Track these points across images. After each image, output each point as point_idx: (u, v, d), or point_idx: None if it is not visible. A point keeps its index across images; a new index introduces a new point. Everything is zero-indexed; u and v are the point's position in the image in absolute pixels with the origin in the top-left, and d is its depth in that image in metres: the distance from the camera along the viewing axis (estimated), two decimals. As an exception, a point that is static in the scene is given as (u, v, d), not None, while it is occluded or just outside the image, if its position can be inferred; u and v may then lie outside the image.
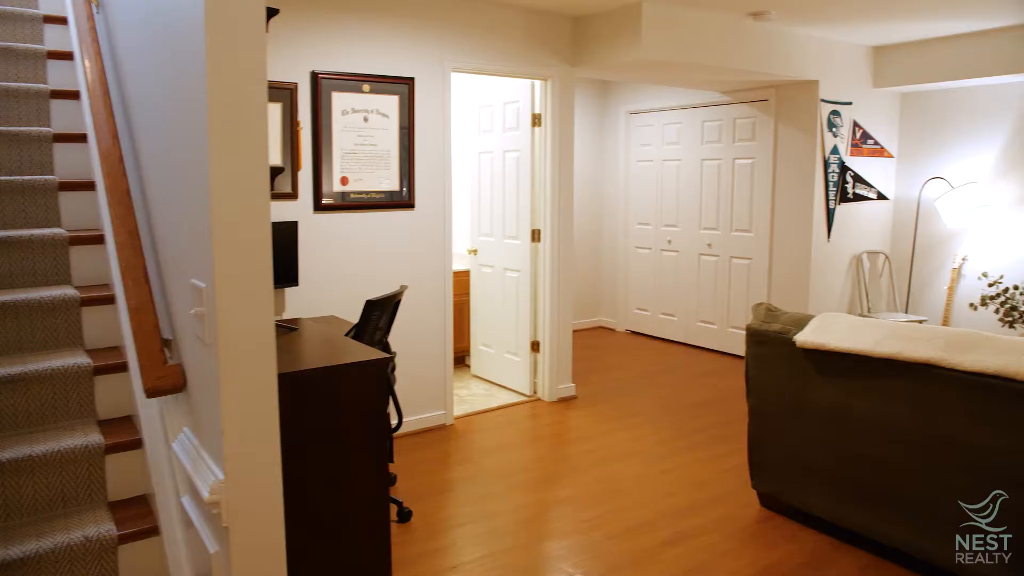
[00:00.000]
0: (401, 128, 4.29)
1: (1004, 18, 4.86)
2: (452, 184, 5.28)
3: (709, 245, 6.52)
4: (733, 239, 6.32)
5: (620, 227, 7.38)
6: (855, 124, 5.89)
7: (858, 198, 6.00)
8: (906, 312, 6.14)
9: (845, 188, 5.87)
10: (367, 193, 4.21)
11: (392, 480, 3.66)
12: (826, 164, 5.69)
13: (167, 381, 1.82)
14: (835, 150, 5.74)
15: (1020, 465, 2.44)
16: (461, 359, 5.94)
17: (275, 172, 3.17)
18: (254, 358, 1.52)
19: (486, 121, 5.45)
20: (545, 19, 4.77)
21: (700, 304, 6.65)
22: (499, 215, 5.34)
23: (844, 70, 5.73)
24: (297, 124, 3.95)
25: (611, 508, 3.40)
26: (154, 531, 2.18)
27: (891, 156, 6.23)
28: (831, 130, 5.70)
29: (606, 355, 6.45)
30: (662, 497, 3.52)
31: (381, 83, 4.18)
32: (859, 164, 5.97)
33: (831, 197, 5.76)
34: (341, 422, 2.41)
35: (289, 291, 3.93)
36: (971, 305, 5.70)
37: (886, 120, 6.16)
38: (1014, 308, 5.35)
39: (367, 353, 2.57)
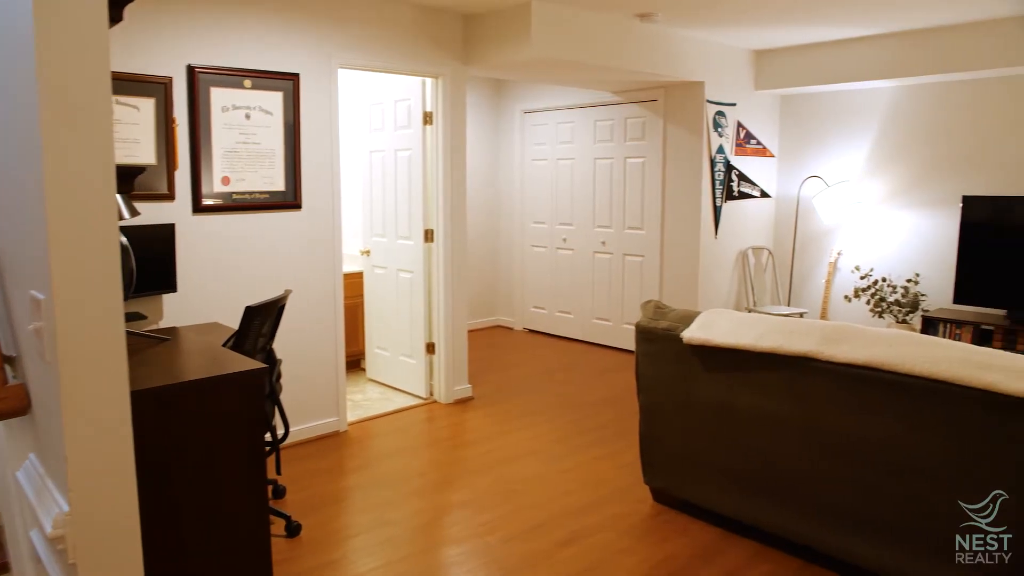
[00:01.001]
0: (286, 126, 4.12)
1: (875, 27, 5.13)
2: (342, 184, 5.12)
3: (603, 243, 6.61)
4: (626, 237, 6.43)
5: (516, 226, 7.39)
6: (739, 124, 6.10)
7: (743, 196, 6.21)
8: (788, 305, 6.41)
9: (731, 186, 6.07)
10: (251, 194, 4.03)
11: (281, 493, 3.51)
12: (712, 163, 5.86)
13: (8, 403, 1.65)
14: (721, 149, 5.93)
15: (890, 451, 2.56)
16: (356, 363, 5.79)
17: (137, 171, 2.96)
18: (101, 376, 1.39)
19: (377, 119, 5.32)
20: (436, 16, 4.69)
21: (595, 301, 6.74)
22: (392, 215, 5.23)
23: (728, 72, 5.92)
24: (173, 121, 3.73)
25: (508, 510, 3.38)
26: (5, 567, 1.98)
27: (772, 155, 6.48)
28: (717, 130, 5.88)
29: (503, 354, 6.44)
30: (559, 496, 3.52)
31: (264, 79, 4.00)
32: (743, 163, 6.18)
33: (718, 195, 5.95)
34: (213, 439, 2.27)
35: (168, 298, 3.71)
36: (846, 297, 6.01)
37: (767, 121, 6.41)
38: (883, 299, 5.67)
39: (243, 363, 2.43)
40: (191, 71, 3.73)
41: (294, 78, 4.11)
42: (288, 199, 4.16)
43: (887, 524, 2.60)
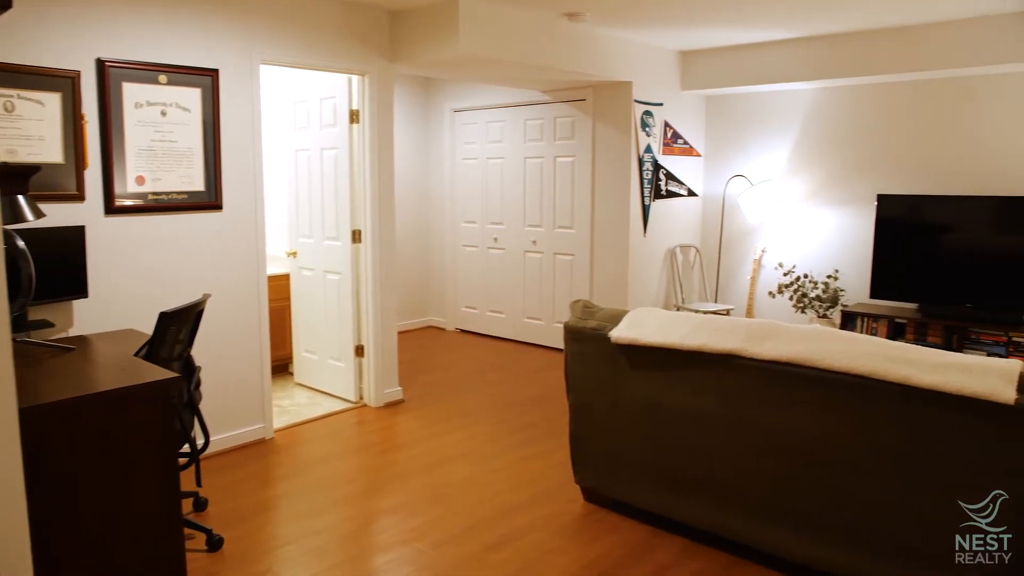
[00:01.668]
0: (205, 124, 3.97)
1: (795, 30, 5.27)
2: (266, 184, 5.00)
3: (534, 242, 6.62)
4: (556, 236, 6.45)
5: (447, 225, 7.34)
6: (666, 124, 6.19)
7: (671, 195, 6.31)
8: (716, 301, 6.54)
9: (659, 185, 6.16)
10: (168, 194, 3.87)
11: (202, 505, 3.38)
12: (641, 162, 5.93)
13: None
14: (648, 149, 6.00)
15: (814, 444, 2.62)
16: (284, 367, 5.65)
17: (31, 170, 2.80)
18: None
19: (302, 117, 5.19)
20: (361, 12, 4.60)
21: (527, 301, 6.74)
22: (318, 216, 5.11)
23: (655, 73, 5.99)
24: (82, 117, 3.55)
25: (438, 514, 3.33)
26: None
27: (699, 155, 6.60)
28: (644, 129, 5.95)
29: (435, 355, 6.39)
30: (490, 498, 3.49)
31: (180, 74, 3.85)
32: (671, 162, 6.28)
33: (646, 194, 6.02)
34: (123, 453, 2.16)
35: (79, 304, 3.52)
36: (770, 293, 6.17)
37: (694, 121, 6.52)
38: (804, 295, 5.84)
39: (155, 373, 2.32)
40: (101, 65, 3.56)
41: (213, 74, 3.96)
42: (208, 199, 4.02)
43: (812, 516, 2.66)
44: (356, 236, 4.88)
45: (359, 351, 4.96)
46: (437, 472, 3.82)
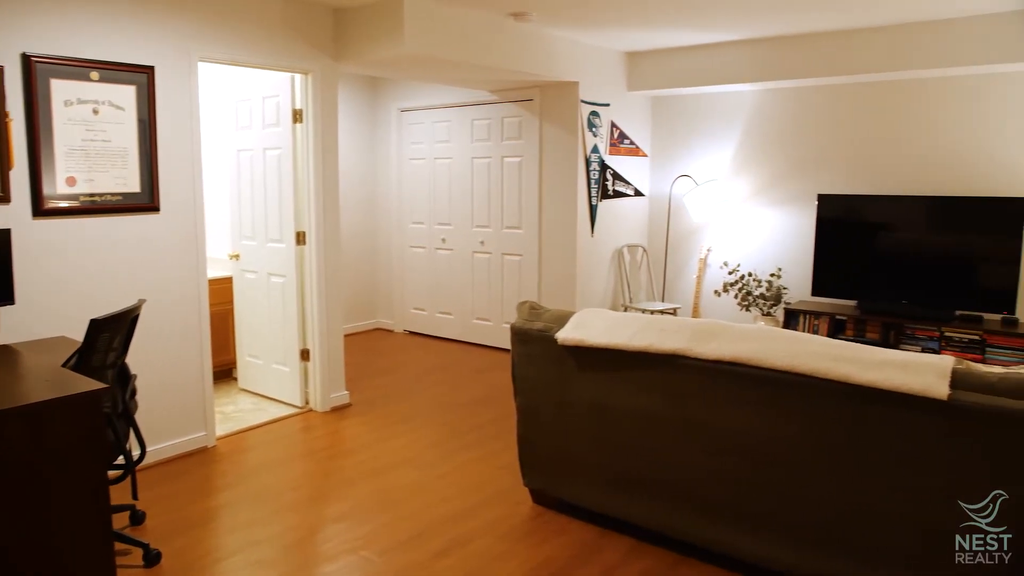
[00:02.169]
0: (140, 122, 3.84)
1: (737, 33, 5.35)
2: (206, 185, 4.86)
3: (482, 243, 6.59)
4: (505, 236, 6.44)
5: (394, 226, 7.26)
6: (613, 124, 6.22)
7: (618, 195, 6.35)
8: (663, 300, 6.61)
9: (606, 185, 6.19)
10: (101, 195, 3.73)
11: (140, 519, 3.26)
12: (588, 162, 5.95)
13: None
14: (595, 149, 6.03)
15: (758, 443, 2.65)
16: (228, 372, 5.51)
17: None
18: None
19: (244, 117, 5.07)
20: (305, 9, 4.51)
21: (475, 301, 6.71)
22: (261, 217, 5.00)
23: (602, 73, 6.02)
24: (6, 115, 3.39)
25: (385, 521, 3.28)
26: None
27: (645, 155, 6.66)
28: (591, 130, 5.97)
29: (383, 358, 6.31)
30: (437, 503, 3.45)
31: (114, 71, 3.71)
32: (617, 162, 6.32)
33: (593, 194, 6.05)
34: (47, 469, 2.06)
35: (6, 311, 3.37)
36: (716, 292, 6.25)
37: (640, 121, 6.57)
38: (749, 293, 5.94)
39: (82, 384, 2.23)
40: (27, 60, 3.41)
41: (148, 71, 3.84)
42: (145, 201, 3.89)
43: (758, 515, 2.70)
44: (300, 238, 4.78)
45: (304, 355, 4.86)
46: (384, 477, 3.76)
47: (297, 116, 4.70)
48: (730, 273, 6.19)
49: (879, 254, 5.39)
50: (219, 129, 5.55)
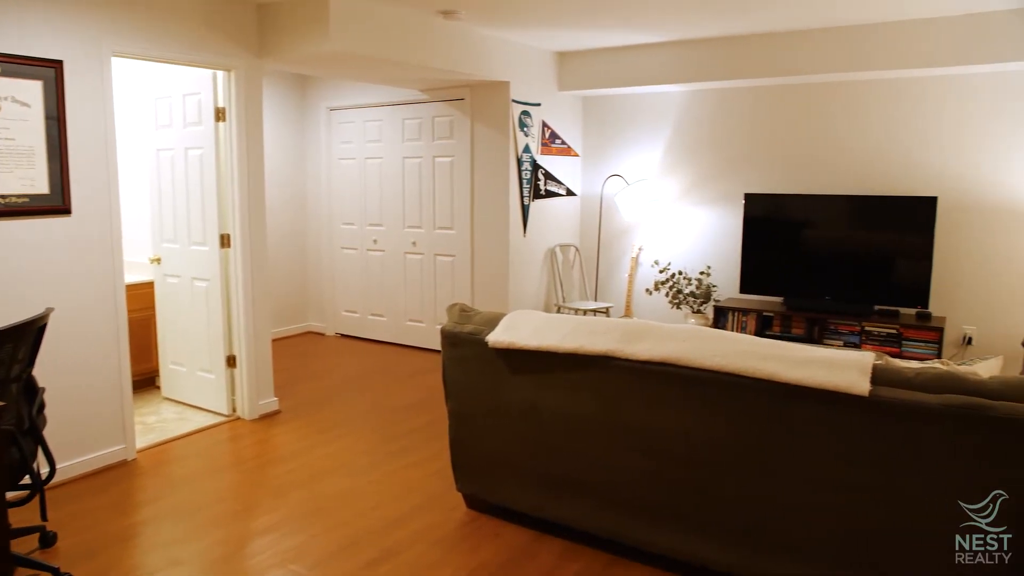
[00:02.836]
0: (48, 120, 3.64)
1: (666, 34, 5.41)
2: (124, 186, 4.68)
3: (414, 243, 6.52)
4: (437, 237, 6.37)
5: (324, 227, 7.11)
6: (544, 124, 6.22)
7: (550, 195, 6.36)
8: (595, 300, 6.65)
9: (538, 185, 6.19)
10: (5, 197, 3.52)
11: (50, 541, 3.09)
12: (519, 162, 5.94)
13: None
14: (527, 149, 6.02)
15: (689, 443, 2.67)
16: (151, 381, 5.30)
17: None
18: None
19: (164, 115, 4.87)
20: (226, 4, 4.36)
21: (408, 303, 6.63)
22: (184, 219, 4.82)
23: (533, 73, 6.02)
24: (-102, 113, 3.18)
25: (316, 532, 3.19)
26: None
27: (577, 155, 6.69)
28: (523, 129, 5.96)
29: (314, 362, 6.18)
30: (369, 512, 3.38)
31: (17, 65, 3.51)
32: (549, 162, 6.32)
33: (525, 194, 6.04)
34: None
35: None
36: (647, 290, 6.33)
37: (571, 121, 6.60)
38: (679, 291, 6.03)
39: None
40: (-80, 55, 3.20)
41: (56, 66, 3.64)
42: (54, 203, 3.69)
43: (690, 514, 2.72)
44: (225, 240, 4.63)
45: (231, 361, 4.71)
46: (315, 486, 3.67)
47: (220, 115, 4.55)
48: (661, 272, 6.27)
49: (803, 252, 5.54)
50: (137, 128, 5.32)
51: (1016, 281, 5.03)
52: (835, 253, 5.44)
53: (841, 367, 2.41)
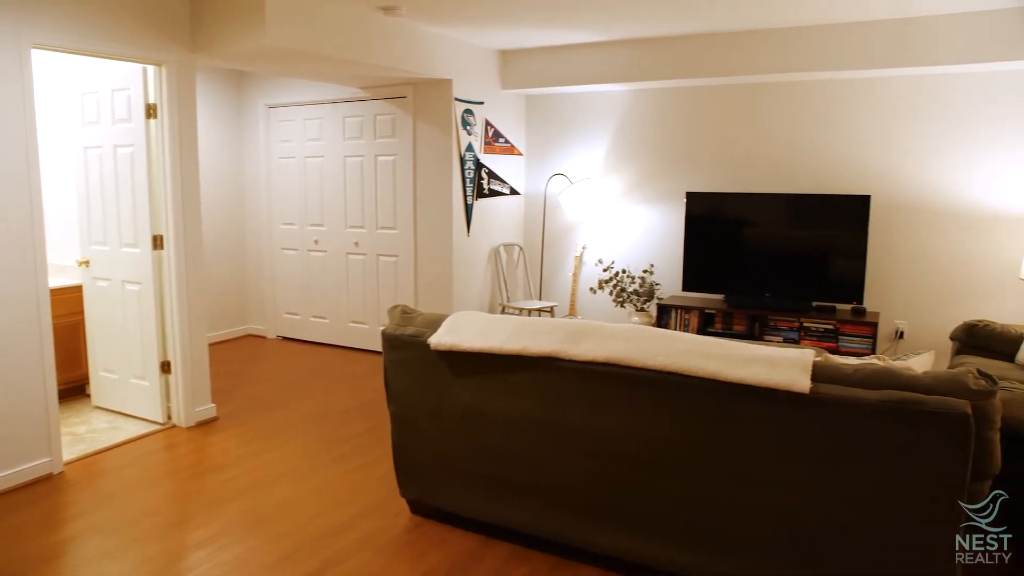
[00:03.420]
0: (-39, 116, 3.46)
1: (607, 34, 5.43)
2: (46, 185, 4.48)
3: (356, 244, 6.41)
4: (379, 237, 6.28)
5: (264, 228, 6.94)
6: (487, 123, 6.19)
7: (493, 194, 6.32)
8: (540, 299, 6.65)
9: (481, 184, 6.15)
10: (-83, 198, 3.33)
11: (-31, 559, 2.93)
12: (463, 161, 5.89)
13: None
14: (470, 148, 5.97)
15: (633, 444, 2.67)
16: (81, 389, 5.09)
17: None
18: None
19: (91, 111, 4.67)
20: (153, -4, 4.20)
21: (351, 304, 6.52)
22: (114, 220, 4.63)
23: (475, 71, 5.97)
24: None
25: (254, 544, 3.09)
26: None
27: (520, 154, 6.67)
28: (466, 128, 5.91)
29: (254, 366, 6.02)
30: (310, 520, 3.29)
31: (-72, 60, 3.32)
32: (493, 161, 6.29)
33: (468, 193, 5.99)
34: None
35: None
36: (591, 289, 6.35)
37: (515, 120, 6.57)
38: (623, 290, 6.06)
39: None
40: None
41: (-31, 59, 3.45)
42: (-30, 204, 3.50)
43: (636, 514, 2.71)
44: (158, 242, 4.46)
45: (165, 367, 4.55)
46: (253, 495, 3.56)
47: (151, 111, 4.38)
48: (605, 270, 6.30)
49: (743, 250, 5.62)
50: (63, 124, 5.10)
51: (943, 277, 5.20)
52: (774, 251, 5.54)
53: (782, 365, 2.43)
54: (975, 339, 4.38)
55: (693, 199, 5.76)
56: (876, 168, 5.33)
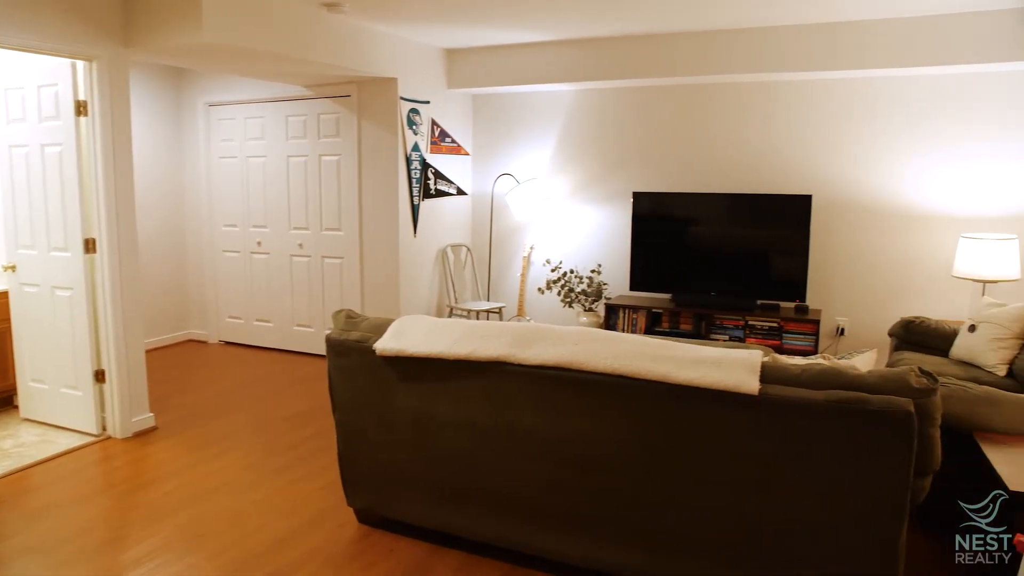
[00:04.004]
0: None
1: (553, 33, 5.41)
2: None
3: (300, 245, 6.28)
4: (324, 238, 6.16)
5: (205, 230, 6.74)
6: (433, 122, 6.12)
7: (440, 194, 6.26)
8: (488, 300, 6.61)
9: (428, 184, 6.08)
10: None
11: None
12: (408, 161, 5.81)
13: None
14: (416, 147, 5.89)
15: (585, 448, 2.65)
16: (8, 400, 4.86)
17: None
18: None
19: (16, 108, 4.46)
20: (82, -11, 4.02)
21: (295, 307, 6.38)
22: (42, 223, 4.43)
23: (421, 69, 5.89)
24: None
25: (196, 559, 2.98)
26: None
27: (467, 154, 6.61)
28: (411, 128, 5.83)
29: (195, 373, 5.84)
30: (254, 533, 3.19)
31: None
32: (439, 161, 6.22)
33: (415, 193, 5.92)
34: None
35: None
36: (539, 289, 6.33)
37: (461, 119, 6.51)
38: (571, 290, 6.06)
39: None
40: None
41: None
42: None
43: (587, 518, 2.69)
44: (89, 245, 4.28)
45: (99, 376, 4.37)
46: (194, 508, 3.43)
47: (81, 108, 4.20)
48: (553, 271, 6.29)
49: (689, 249, 5.68)
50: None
51: (881, 275, 5.33)
52: (719, 250, 5.61)
53: (731, 366, 2.44)
54: (912, 335, 4.50)
55: (640, 199, 5.79)
56: (817, 168, 5.43)
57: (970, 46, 4.61)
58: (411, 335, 2.90)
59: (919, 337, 4.47)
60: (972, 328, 4.10)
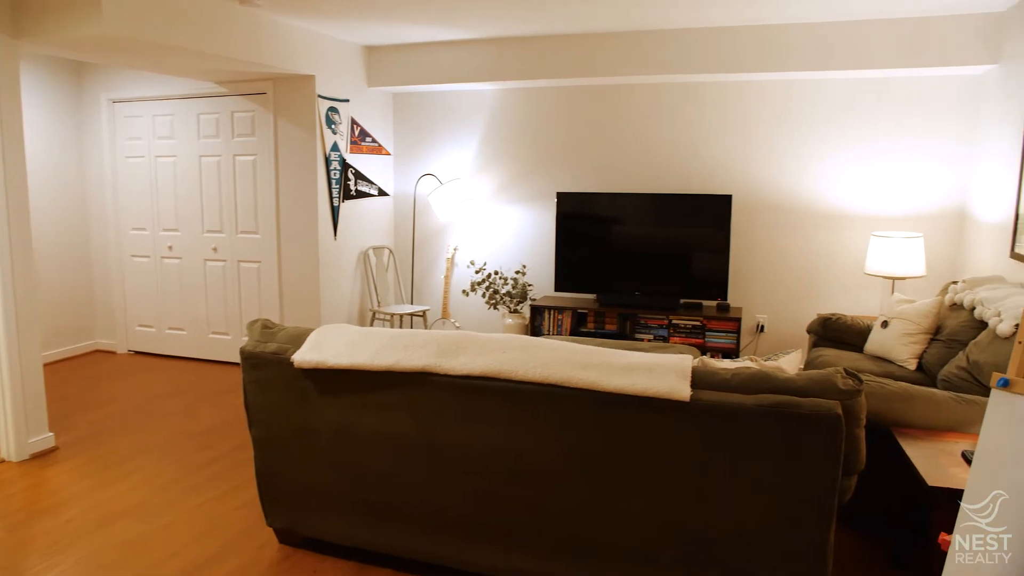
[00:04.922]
0: None
1: (474, 32, 5.33)
2: None
3: (215, 249, 6.01)
4: (240, 242, 5.91)
5: (111, 233, 6.38)
6: (353, 121, 5.95)
7: (361, 195, 6.09)
8: (412, 303, 6.48)
9: (348, 185, 5.91)
10: None
11: None
12: (328, 161, 5.63)
13: None
14: (335, 147, 5.72)
15: (515, 458, 2.58)
16: None
17: None
18: None
19: None
20: (-38, -23, 3.71)
21: (211, 314, 6.11)
22: (-78, 229, 4.08)
23: (340, 67, 5.72)
24: None
25: (99, 590, 2.78)
26: None
27: (389, 153, 6.47)
28: (330, 127, 5.66)
29: (101, 386, 5.51)
30: (166, 560, 3.00)
31: None
32: (359, 161, 6.06)
33: (335, 195, 5.74)
34: None
35: None
36: (464, 291, 6.25)
37: (382, 118, 6.36)
38: (496, 292, 6.00)
39: None
40: None
41: None
42: None
43: (518, 530, 2.62)
44: (-23, 254, 3.97)
45: (-9, 394, 4.06)
46: (99, 536, 3.21)
47: (-36, 107, 3.89)
48: (477, 272, 6.21)
49: (613, 249, 5.69)
50: None
51: (798, 273, 5.47)
52: (643, 249, 5.64)
53: (661, 372, 2.41)
54: (829, 331, 4.61)
55: (563, 199, 5.77)
56: (736, 169, 5.52)
57: (877, 52, 4.77)
58: (331, 346, 2.77)
59: (836, 333, 4.58)
60: (885, 324, 4.22)
